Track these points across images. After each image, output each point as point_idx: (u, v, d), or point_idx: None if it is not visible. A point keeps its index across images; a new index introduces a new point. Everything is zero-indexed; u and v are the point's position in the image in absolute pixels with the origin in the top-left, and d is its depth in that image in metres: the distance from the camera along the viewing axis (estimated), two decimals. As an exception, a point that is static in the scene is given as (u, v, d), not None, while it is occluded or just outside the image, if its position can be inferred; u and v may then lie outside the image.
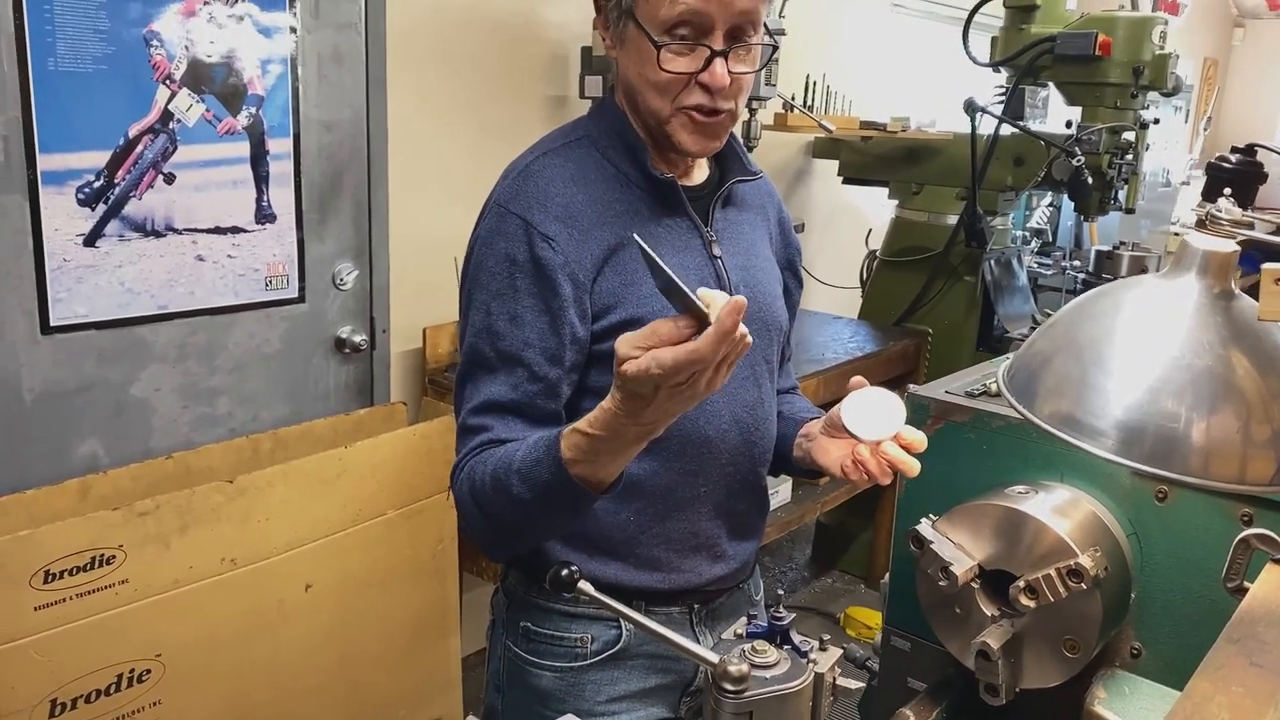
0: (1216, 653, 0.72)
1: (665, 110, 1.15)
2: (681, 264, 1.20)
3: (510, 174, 1.21)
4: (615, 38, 1.17)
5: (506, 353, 1.15)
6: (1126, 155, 3.12)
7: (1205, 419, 0.80)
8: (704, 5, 1.09)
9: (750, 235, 1.32)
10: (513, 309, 1.14)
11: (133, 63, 1.98)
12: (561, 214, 1.15)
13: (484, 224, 1.19)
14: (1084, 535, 1.12)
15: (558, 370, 1.16)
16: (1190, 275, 0.85)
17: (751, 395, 1.28)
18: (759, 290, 1.29)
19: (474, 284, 1.18)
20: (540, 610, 1.28)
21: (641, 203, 1.20)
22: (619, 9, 1.13)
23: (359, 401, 2.52)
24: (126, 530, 1.79)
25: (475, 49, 2.62)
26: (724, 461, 1.26)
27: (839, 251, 4.07)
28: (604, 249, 1.16)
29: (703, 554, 1.29)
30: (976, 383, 1.36)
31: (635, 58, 1.14)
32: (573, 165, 1.20)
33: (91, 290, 2.01)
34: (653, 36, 1.10)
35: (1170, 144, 6.80)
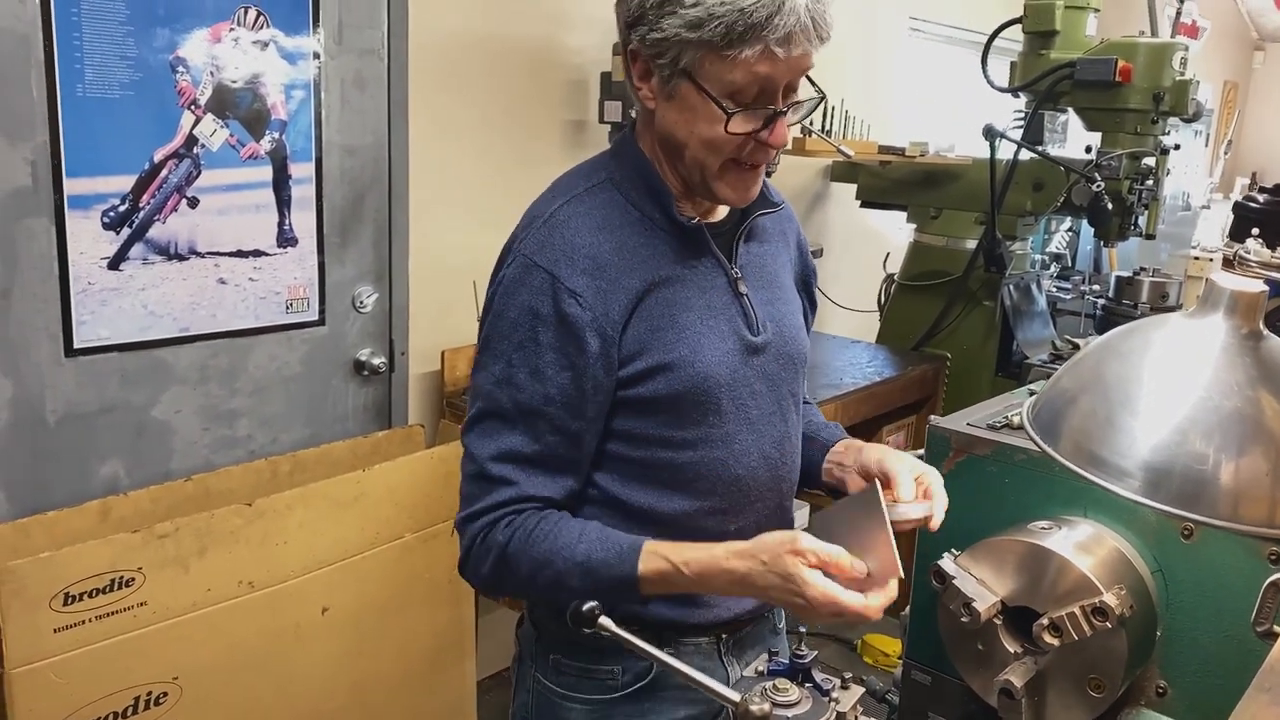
0: (1249, 702, 0.70)
1: (714, 165, 1.14)
2: (708, 304, 1.19)
3: (534, 222, 1.18)
4: (662, 92, 1.13)
5: (527, 406, 1.13)
6: (1147, 181, 3.11)
7: (1234, 460, 0.80)
8: (776, 71, 1.08)
9: (773, 267, 1.31)
10: (534, 362, 1.13)
11: (159, 88, 2.00)
12: (589, 266, 1.13)
13: (507, 272, 1.16)
14: (1108, 572, 1.11)
15: (580, 422, 1.15)
16: (1218, 315, 0.85)
17: (779, 430, 1.28)
18: (784, 324, 1.28)
19: (494, 331, 1.16)
20: (570, 643, 1.26)
21: (667, 245, 1.19)
22: (673, 67, 1.09)
23: (377, 424, 2.53)
24: (146, 552, 1.80)
25: (495, 74, 2.64)
26: (753, 498, 1.26)
27: (857, 275, 4.06)
28: (632, 297, 1.15)
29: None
30: (998, 414, 1.35)
31: (687, 115, 1.12)
32: (598, 212, 1.17)
33: (115, 313, 2.02)
34: (718, 99, 1.08)
35: (1190, 168, 6.78)
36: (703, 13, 1.04)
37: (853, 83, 3.74)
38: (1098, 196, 3.00)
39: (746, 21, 1.03)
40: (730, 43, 1.04)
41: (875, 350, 3.47)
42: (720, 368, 1.18)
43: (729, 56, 1.05)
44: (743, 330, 1.21)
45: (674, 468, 1.19)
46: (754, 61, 1.05)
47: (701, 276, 1.20)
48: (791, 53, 1.06)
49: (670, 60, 1.09)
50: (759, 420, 1.24)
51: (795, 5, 1.04)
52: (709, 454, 1.20)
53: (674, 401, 1.16)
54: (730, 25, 1.03)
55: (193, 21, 2.03)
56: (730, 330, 1.20)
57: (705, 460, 1.20)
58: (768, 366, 1.24)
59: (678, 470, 1.19)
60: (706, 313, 1.19)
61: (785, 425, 1.29)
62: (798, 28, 1.05)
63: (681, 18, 1.05)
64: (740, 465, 1.23)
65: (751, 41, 1.04)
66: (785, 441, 1.29)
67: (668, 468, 1.19)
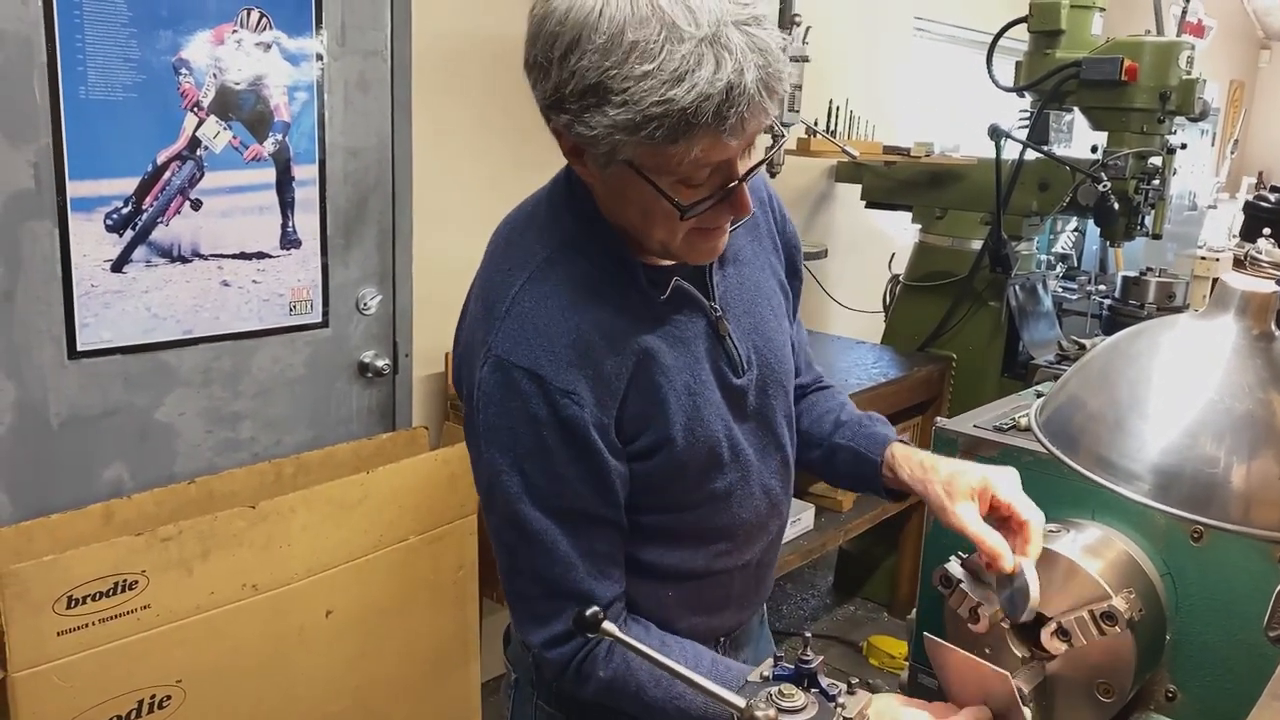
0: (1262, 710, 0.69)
1: (676, 240, 1.02)
2: (694, 358, 1.10)
3: (494, 311, 1.04)
4: (600, 175, 0.99)
5: (560, 510, 1.05)
6: (1153, 180, 3.09)
7: (1245, 464, 0.79)
8: (728, 153, 0.94)
9: (752, 278, 1.21)
10: (551, 468, 1.03)
11: (162, 90, 2.00)
12: (572, 357, 1.02)
13: (484, 376, 1.03)
14: (1117, 576, 1.10)
15: (615, 511, 1.09)
16: (1228, 316, 0.84)
17: (775, 461, 1.23)
18: (768, 351, 1.20)
19: (492, 442, 1.04)
20: None
21: (640, 306, 1.07)
22: (610, 158, 0.94)
23: (382, 426, 2.53)
24: (149, 555, 1.80)
25: (499, 75, 2.63)
26: (758, 533, 1.23)
27: (862, 276, 4.05)
28: (623, 379, 1.05)
29: (734, 606, 1.27)
30: (1005, 416, 1.34)
31: (634, 198, 0.99)
32: (565, 289, 1.04)
33: (118, 315, 2.02)
34: (666, 191, 0.95)
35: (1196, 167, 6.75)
36: (635, 115, 0.88)
37: (857, 83, 3.73)
38: (1104, 196, 2.99)
39: (690, 121, 0.88)
40: (674, 139, 0.90)
41: (880, 351, 3.46)
42: (716, 424, 1.12)
43: (674, 153, 0.91)
44: (728, 376, 1.13)
45: (679, 525, 1.15)
46: (704, 154, 0.92)
47: (682, 329, 1.10)
48: (745, 134, 0.92)
49: (605, 153, 0.94)
50: (757, 458, 1.19)
51: (744, 84, 0.88)
52: (713, 508, 1.16)
53: (679, 470, 1.11)
54: (672, 127, 0.88)
55: (195, 23, 2.02)
56: (718, 381, 1.12)
57: (710, 514, 1.16)
58: (756, 402, 1.18)
59: (683, 527, 1.15)
60: (695, 368, 1.10)
61: (781, 452, 1.24)
62: (748, 110, 0.89)
63: (610, 118, 0.89)
64: (745, 509, 1.19)
65: (700, 137, 0.90)
66: (783, 467, 1.25)
67: (673, 527, 1.15)
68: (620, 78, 0.88)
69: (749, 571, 1.26)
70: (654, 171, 0.95)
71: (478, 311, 1.09)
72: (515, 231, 1.13)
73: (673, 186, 0.96)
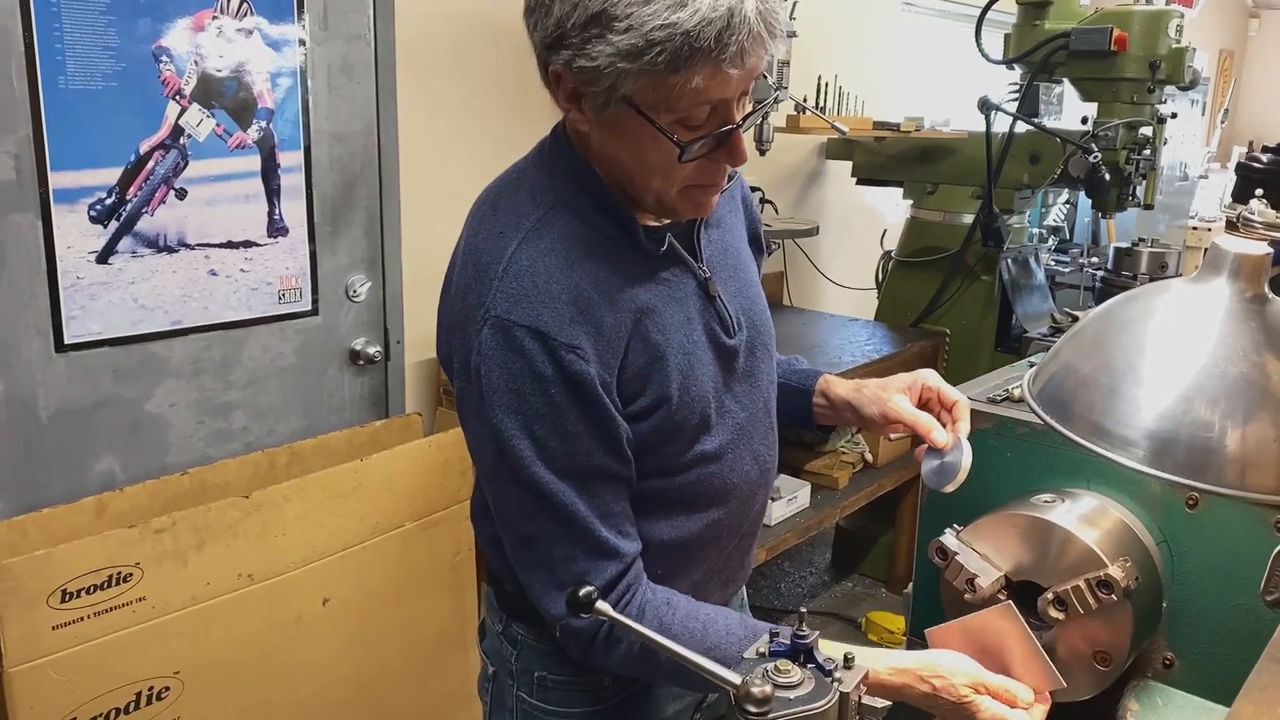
0: (1260, 673, 0.69)
1: (671, 191, 1.03)
2: (687, 318, 1.10)
3: (490, 272, 1.03)
4: (598, 119, 1.00)
5: (571, 470, 1.03)
6: (1144, 150, 3.09)
7: (1240, 428, 0.78)
8: (729, 89, 0.95)
9: (734, 244, 1.22)
10: (560, 426, 1.02)
11: (142, 79, 1.98)
12: (574, 314, 1.01)
13: (484, 340, 1.01)
14: (1113, 545, 1.10)
15: (627, 468, 1.07)
16: (1221, 279, 0.83)
17: (764, 425, 1.23)
18: (753, 313, 1.21)
19: (496, 407, 1.02)
20: (556, 657, 1.21)
21: (636, 266, 1.08)
22: (609, 95, 0.95)
23: (374, 413, 2.51)
24: (143, 548, 1.79)
25: (484, 58, 2.61)
26: (748, 501, 1.23)
27: (854, 253, 4.04)
28: (622, 335, 1.04)
29: (717, 582, 1.27)
30: (998, 387, 1.33)
31: (632, 142, 1.00)
32: (561, 247, 1.04)
33: (105, 307, 2.00)
34: (665, 129, 0.96)
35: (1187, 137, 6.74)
36: (639, 40, 0.90)
37: (847, 58, 3.71)
38: (1095, 167, 2.98)
39: (693, 45, 0.89)
40: (676, 68, 0.91)
41: (874, 327, 3.45)
42: (707, 384, 1.12)
43: (675, 83, 0.92)
44: (720, 336, 1.14)
45: (671, 491, 1.14)
46: (705, 85, 0.93)
47: (674, 288, 1.10)
48: (745, 66, 0.94)
49: (606, 89, 0.94)
50: (746, 423, 1.18)
51: (745, 14, 0.91)
52: (704, 470, 1.15)
53: (674, 432, 1.10)
54: (675, 52, 0.90)
55: (174, 10, 2.00)
56: (709, 341, 1.13)
57: (701, 478, 1.15)
58: (746, 364, 1.18)
59: (675, 493, 1.14)
60: (688, 328, 1.10)
61: (769, 417, 1.24)
62: (749, 40, 0.92)
63: (614, 45, 0.90)
64: (735, 473, 1.18)
65: (700, 64, 0.91)
66: (770, 432, 1.25)
67: (665, 493, 1.13)
68: (624, 4, 0.90)
69: (734, 543, 1.25)
70: (653, 109, 0.95)
71: (468, 277, 1.06)
72: (502, 196, 1.11)
73: (671, 126, 0.96)
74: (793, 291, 3.81)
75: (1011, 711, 1.02)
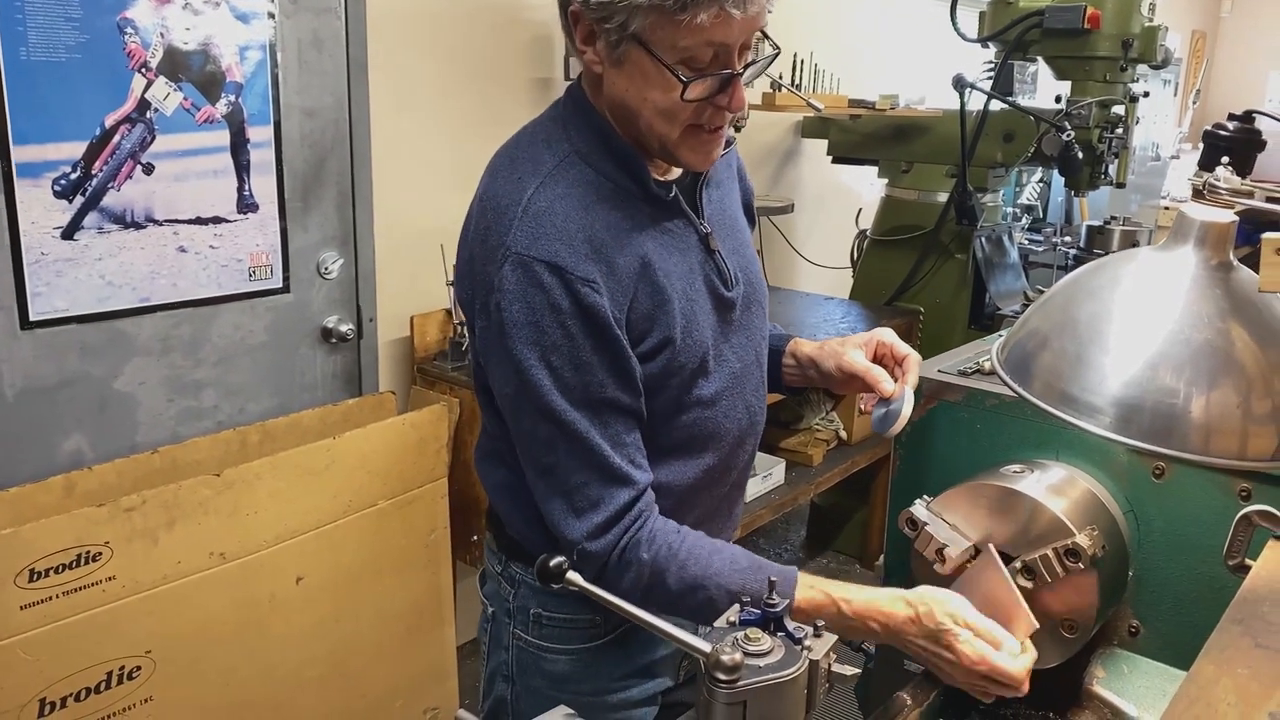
0: (1220, 634, 0.70)
1: (674, 134, 1.09)
2: (690, 268, 1.17)
3: (510, 212, 1.10)
4: (609, 57, 1.07)
5: (586, 400, 1.09)
6: (1116, 129, 3.10)
7: (1205, 394, 0.79)
8: (731, 33, 1.02)
9: (731, 209, 1.30)
10: (576, 356, 1.08)
11: (107, 51, 1.94)
12: (589, 251, 1.08)
13: (505, 274, 1.07)
14: (1081, 514, 1.11)
15: (639, 401, 1.13)
16: (1188, 247, 0.83)
17: (756, 377, 1.29)
18: (750, 272, 1.28)
19: (515, 339, 1.08)
20: (552, 595, 1.25)
21: (644, 214, 1.15)
22: (621, 32, 1.03)
23: (347, 392, 2.50)
24: (112, 526, 1.77)
25: (457, 31, 2.58)
26: (740, 449, 1.28)
27: (829, 231, 4.05)
28: (632, 276, 1.11)
29: (714, 523, 1.30)
30: (969, 361, 1.34)
31: (639, 81, 1.06)
32: (576, 191, 1.11)
33: (71, 284, 1.97)
34: (671, 66, 1.03)
35: (1160, 118, 6.79)
36: None
37: (822, 36, 3.69)
38: (1068, 145, 2.99)
39: None
40: (684, 5, 0.98)
41: (849, 306, 3.47)
42: (708, 331, 1.18)
43: (682, 21, 0.99)
44: (719, 288, 1.20)
45: (669, 434, 1.18)
46: (709, 25, 0.99)
47: (678, 239, 1.17)
48: (748, 11, 1.01)
49: (618, 25, 1.02)
50: (740, 373, 1.24)
51: None
52: (700, 414, 1.20)
53: (676, 373, 1.15)
54: None
55: (139, -20, 1.96)
56: (709, 291, 1.19)
57: (698, 421, 1.20)
58: (742, 318, 1.24)
59: (672, 437, 1.19)
60: (690, 277, 1.17)
61: (760, 370, 1.30)
62: None
63: None
64: (729, 419, 1.23)
65: (706, 4, 0.98)
66: (761, 385, 1.31)
67: (663, 436, 1.18)
68: None
69: (725, 490, 1.30)
70: (660, 46, 1.02)
71: (487, 220, 1.12)
72: (520, 148, 1.17)
73: (677, 65, 1.03)
74: (768, 270, 3.81)
75: (995, 653, 1.03)
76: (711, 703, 0.83)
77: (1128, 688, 1.13)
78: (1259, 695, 0.62)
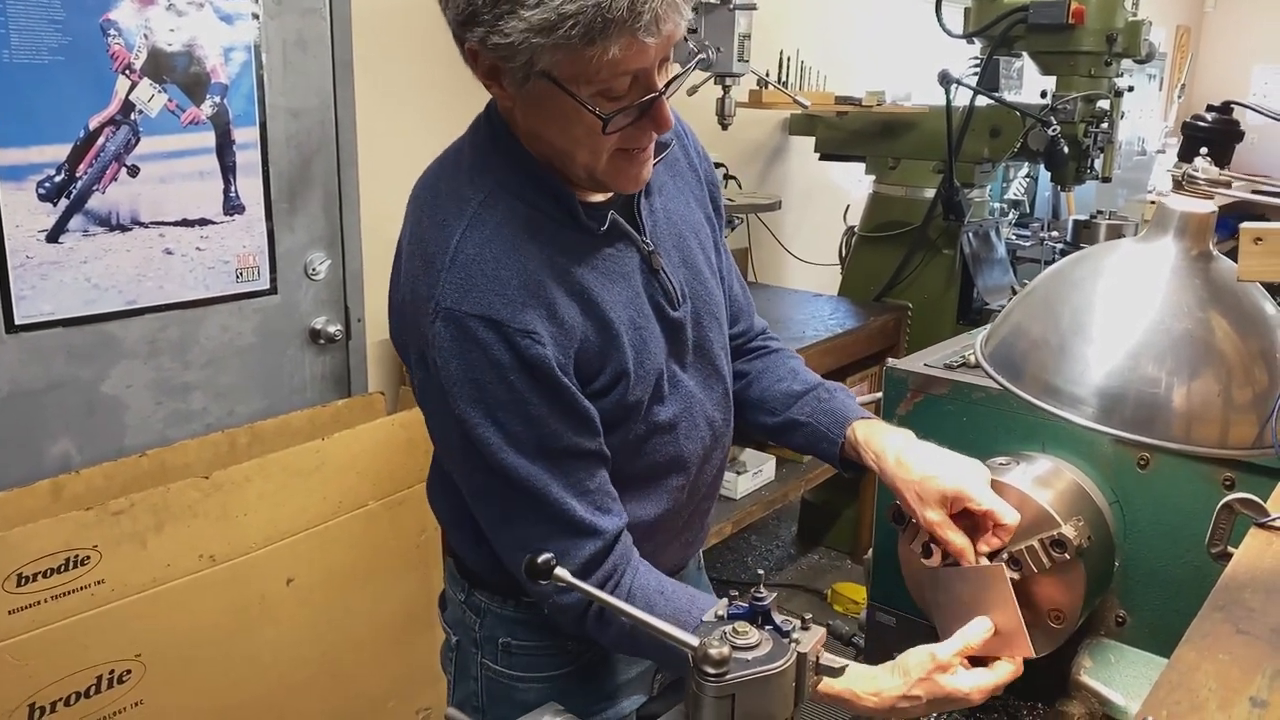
0: (1202, 620, 0.71)
1: (600, 164, 1.01)
2: (635, 293, 1.10)
3: (437, 264, 1.01)
4: (519, 94, 0.98)
5: (541, 450, 1.03)
6: (1102, 124, 3.12)
7: (1186, 383, 0.79)
8: (646, 59, 0.93)
9: (677, 210, 1.20)
10: (522, 411, 1.01)
11: (90, 53, 1.93)
12: (526, 298, 1.00)
13: (437, 333, 1.00)
14: (1066, 505, 1.12)
15: (595, 440, 1.07)
16: (1168, 238, 0.84)
17: (718, 391, 1.23)
18: (697, 283, 1.19)
19: (457, 399, 1.01)
20: (521, 623, 1.22)
21: (579, 244, 1.07)
22: (528, 70, 0.93)
23: (337, 392, 2.49)
24: (101, 530, 1.76)
25: (442, 31, 2.57)
26: (703, 463, 1.23)
27: (817, 228, 4.05)
28: (574, 314, 1.04)
29: (679, 541, 1.28)
30: (955, 354, 1.35)
31: (554, 117, 0.98)
32: (505, 231, 1.02)
33: (57, 287, 1.97)
34: (586, 102, 0.94)
35: (1145, 113, 6.82)
36: (550, 14, 0.87)
37: (809, 33, 3.70)
38: (1054, 140, 3.00)
39: (605, 16, 0.87)
40: (590, 39, 0.89)
41: (837, 303, 3.47)
42: (660, 357, 1.12)
43: (591, 55, 0.90)
44: (666, 310, 1.13)
45: (630, 465, 1.14)
46: (621, 56, 0.90)
47: (618, 264, 1.09)
48: (661, 33, 0.91)
49: (523, 64, 0.93)
50: (698, 390, 1.19)
51: None
52: (659, 440, 1.15)
53: (633, 407, 1.10)
54: (588, 24, 0.87)
55: (122, -18, 1.95)
56: (656, 314, 1.12)
57: (657, 448, 1.15)
58: (693, 335, 1.17)
59: (634, 466, 1.14)
60: (636, 303, 1.10)
61: (722, 383, 1.24)
62: (663, 7, 0.89)
63: (525, 20, 0.88)
64: (690, 440, 1.19)
65: (615, 36, 0.89)
66: (724, 398, 1.25)
67: (624, 468, 1.13)
68: None
69: (692, 507, 1.26)
70: (573, 82, 0.94)
71: (415, 268, 1.05)
72: (441, 180, 1.10)
73: (593, 99, 0.95)
74: (757, 267, 3.82)
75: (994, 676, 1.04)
76: (700, 696, 0.84)
77: (1115, 677, 1.14)
78: (1239, 681, 0.63)
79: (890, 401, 1.32)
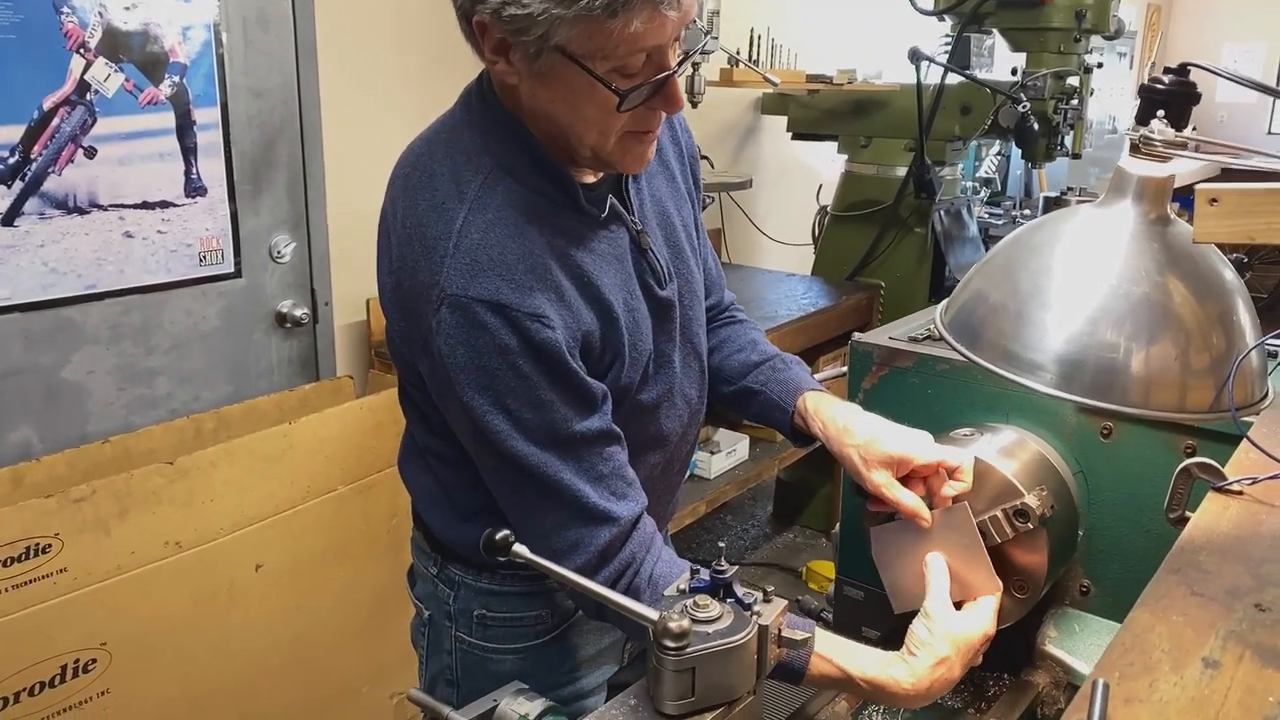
0: (1158, 583, 0.70)
1: (608, 144, 1.00)
2: (626, 273, 1.09)
3: (440, 249, 0.99)
4: (528, 70, 0.96)
5: (551, 438, 1.01)
6: (1071, 100, 3.12)
7: (1144, 348, 0.79)
8: (664, 35, 0.92)
9: (658, 189, 1.20)
10: (532, 395, 0.99)
11: (43, 31, 1.89)
12: (533, 281, 0.99)
13: (442, 319, 0.98)
14: (1030, 475, 1.12)
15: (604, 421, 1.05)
16: (1126, 202, 0.83)
17: (695, 369, 1.23)
18: (680, 261, 1.19)
19: (465, 386, 0.99)
20: (495, 595, 1.22)
21: (577, 225, 1.06)
22: (541, 43, 0.91)
23: (304, 377, 2.47)
24: (62, 517, 1.74)
25: (409, 10, 2.54)
26: (680, 440, 1.23)
27: (790, 208, 4.05)
28: (575, 296, 1.03)
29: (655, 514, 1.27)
30: (919, 328, 1.35)
31: (566, 95, 0.96)
32: (508, 213, 1.01)
33: (13, 271, 1.93)
34: (603, 78, 0.93)
35: (1116, 91, 6.85)
36: None
37: (779, 11, 3.68)
38: (1024, 117, 3.01)
39: None
40: (614, 12, 0.87)
41: (810, 282, 3.47)
42: (649, 338, 1.12)
43: (612, 29, 0.89)
44: (653, 288, 1.13)
45: None
46: (642, 30, 0.90)
47: (612, 245, 1.09)
48: (682, 8, 0.91)
49: (537, 38, 0.91)
50: (680, 368, 1.19)
51: None
52: (640, 420, 1.15)
53: (624, 390, 1.10)
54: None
55: (75, -42, 1.91)
56: (645, 294, 1.12)
57: (639, 428, 1.15)
58: (678, 314, 1.17)
59: None
60: (629, 285, 1.10)
61: (699, 360, 1.25)
62: None
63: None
64: (670, 419, 1.19)
65: (639, 8, 0.88)
66: (701, 375, 1.25)
67: None
68: None
69: (666, 482, 1.27)
70: (589, 58, 0.92)
71: (414, 254, 1.01)
72: (434, 161, 1.06)
73: (609, 75, 0.93)
74: (730, 248, 3.81)
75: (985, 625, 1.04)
76: (660, 670, 0.83)
77: (1079, 646, 1.14)
78: (1193, 641, 0.63)
79: (855, 375, 1.31)
